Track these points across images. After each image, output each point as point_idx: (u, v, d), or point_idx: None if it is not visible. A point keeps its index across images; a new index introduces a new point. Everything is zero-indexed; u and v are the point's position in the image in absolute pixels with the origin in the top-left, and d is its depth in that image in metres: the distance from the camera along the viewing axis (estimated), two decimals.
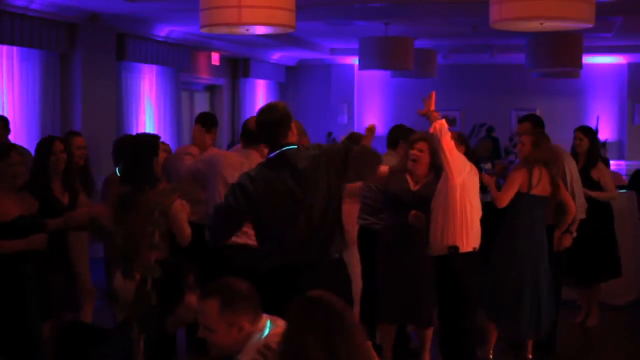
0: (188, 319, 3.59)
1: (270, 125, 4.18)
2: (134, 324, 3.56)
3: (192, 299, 3.56)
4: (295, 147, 4.19)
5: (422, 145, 5.61)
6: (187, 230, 4.72)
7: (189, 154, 6.03)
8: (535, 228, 5.84)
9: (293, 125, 4.24)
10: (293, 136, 4.21)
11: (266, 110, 4.28)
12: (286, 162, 4.12)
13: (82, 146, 6.33)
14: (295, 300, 2.63)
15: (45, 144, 5.37)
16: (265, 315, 3.09)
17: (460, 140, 5.71)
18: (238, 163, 5.34)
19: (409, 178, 5.62)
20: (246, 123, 5.71)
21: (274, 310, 3.11)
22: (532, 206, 5.79)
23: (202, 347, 3.08)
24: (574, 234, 6.14)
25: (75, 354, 4.35)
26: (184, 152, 6.14)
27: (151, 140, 4.96)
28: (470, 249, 5.24)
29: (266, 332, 3.02)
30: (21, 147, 6.19)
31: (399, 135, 6.39)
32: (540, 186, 5.76)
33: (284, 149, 4.15)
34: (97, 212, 4.93)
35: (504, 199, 5.74)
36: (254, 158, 5.22)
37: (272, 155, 4.17)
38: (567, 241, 6.13)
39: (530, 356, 6.05)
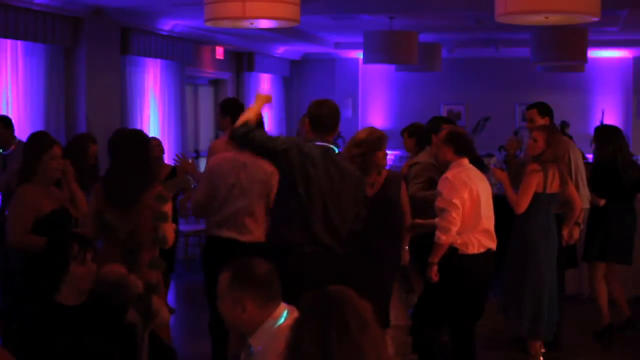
0: (81, 287, 3.63)
1: (327, 120, 4.66)
2: (139, 319, 3.57)
3: (78, 269, 3.59)
4: (337, 150, 4.64)
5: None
6: (171, 233, 4.69)
7: None
8: (551, 226, 5.83)
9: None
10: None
11: (327, 104, 4.81)
12: (329, 153, 4.53)
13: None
14: (307, 293, 2.62)
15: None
16: (284, 305, 3.09)
17: (448, 140, 5.28)
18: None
19: None
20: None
21: None
22: (548, 205, 5.77)
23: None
24: (582, 226, 6.15)
25: None
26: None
27: (144, 135, 5.01)
28: (474, 252, 5.10)
29: (280, 321, 3.03)
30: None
31: (431, 130, 6.17)
32: (554, 185, 5.75)
33: (330, 145, 4.59)
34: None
35: (523, 204, 5.67)
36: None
37: (318, 143, 4.54)
38: (576, 233, 6.13)
39: (543, 350, 6.03)
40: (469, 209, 5.05)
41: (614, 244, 6.76)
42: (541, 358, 5.93)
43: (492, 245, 5.21)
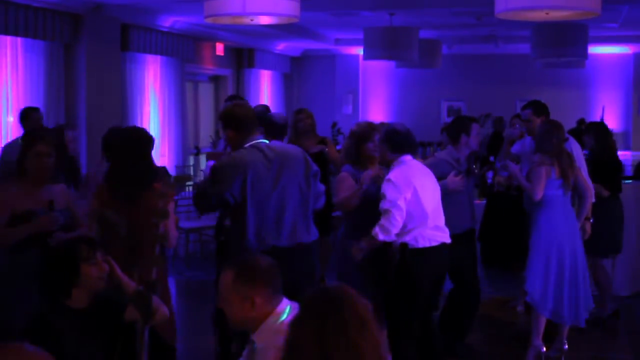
0: (94, 288, 3.64)
1: (250, 119, 4.63)
2: (137, 315, 3.56)
3: (91, 270, 3.61)
4: (267, 141, 4.67)
5: (378, 136, 5.28)
6: (174, 232, 4.71)
7: None
8: (569, 211, 5.91)
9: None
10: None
11: (243, 105, 4.81)
12: (261, 150, 4.57)
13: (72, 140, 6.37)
14: (308, 291, 2.61)
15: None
16: (286, 301, 3.09)
17: (383, 139, 5.24)
18: None
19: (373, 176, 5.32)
20: (270, 116, 5.87)
21: None
22: (561, 190, 5.84)
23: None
24: (592, 220, 6.18)
25: None
26: None
27: (147, 134, 4.96)
28: (425, 245, 5.08)
29: (283, 317, 3.02)
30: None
31: (461, 129, 6.13)
32: (559, 173, 5.84)
33: (259, 141, 4.61)
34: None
35: (539, 190, 5.78)
36: None
37: (247, 145, 4.57)
38: (589, 227, 6.17)
39: (566, 346, 6.04)
40: (414, 207, 5.06)
41: (603, 236, 6.82)
42: (544, 349, 5.94)
43: (446, 238, 5.22)
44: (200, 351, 6.39)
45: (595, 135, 6.91)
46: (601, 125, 7.32)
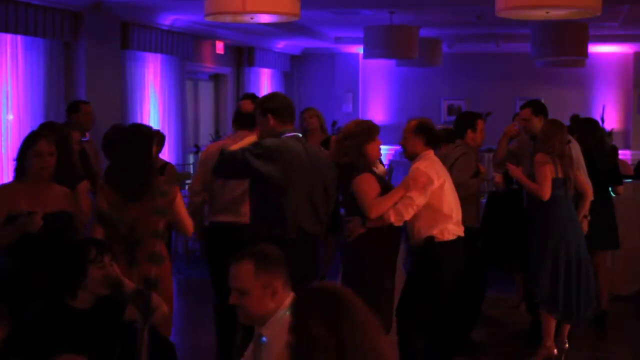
0: (99, 291, 3.65)
1: (291, 109, 4.73)
2: (137, 313, 3.56)
3: (97, 273, 3.61)
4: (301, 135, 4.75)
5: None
6: (189, 221, 4.74)
7: None
8: (573, 209, 5.92)
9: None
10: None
11: (283, 94, 4.96)
12: (302, 143, 4.67)
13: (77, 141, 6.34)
14: (296, 292, 2.62)
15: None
16: (292, 293, 3.08)
17: (419, 131, 5.28)
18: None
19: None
20: (239, 106, 5.86)
21: None
22: (564, 188, 5.85)
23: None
24: (589, 217, 6.18)
25: None
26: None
27: (149, 130, 4.94)
28: (450, 238, 5.14)
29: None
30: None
31: (467, 124, 6.15)
32: (561, 171, 5.85)
33: (298, 134, 4.70)
34: None
35: (547, 190, 5.78)
36: (248, 140, 5.22)
37: (289, 135, 4.64)
38: (586, 225, 6.16)
39: (567, 345, 6.03)
40: (439, 201, 5.10)
41: (596, 231, 6.78)
42: (555, 351, 5.94)
43: (461, 233, 5.27)
44: (200, 349, 6.40)
45: (580, 133, 6.87)
46: (586, 121, 7.26)
